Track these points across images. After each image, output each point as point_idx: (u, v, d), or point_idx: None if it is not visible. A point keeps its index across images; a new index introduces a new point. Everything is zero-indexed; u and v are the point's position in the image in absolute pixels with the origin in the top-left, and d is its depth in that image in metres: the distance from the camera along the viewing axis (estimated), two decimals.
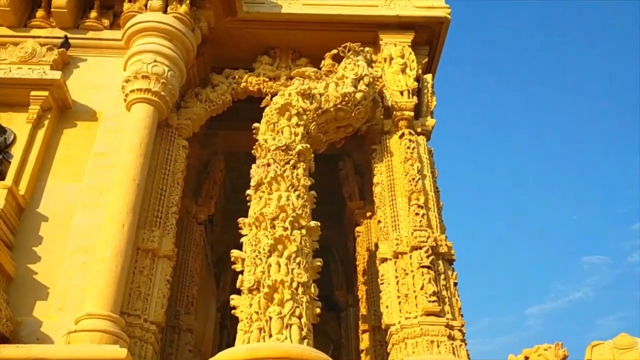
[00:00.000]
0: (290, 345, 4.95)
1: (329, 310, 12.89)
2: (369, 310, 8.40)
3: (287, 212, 5.80)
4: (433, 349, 5.95)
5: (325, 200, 9.92)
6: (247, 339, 5.12)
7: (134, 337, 5.85)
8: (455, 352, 6.00)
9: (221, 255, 11.31)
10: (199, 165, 9.24)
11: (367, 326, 8.39)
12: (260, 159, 6.39)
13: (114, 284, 5.74)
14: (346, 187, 9.64)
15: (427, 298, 6.19)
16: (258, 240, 5.71)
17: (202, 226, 9.22)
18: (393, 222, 6.94)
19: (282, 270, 5.43)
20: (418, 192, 6.93)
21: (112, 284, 5.74)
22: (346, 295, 11.23)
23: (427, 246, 6.51)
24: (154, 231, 6.46)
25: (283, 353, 4.83)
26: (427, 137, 7.71)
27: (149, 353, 5.90)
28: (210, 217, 10.07)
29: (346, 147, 8.99)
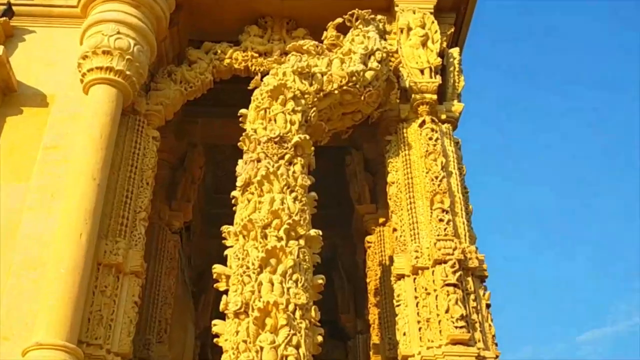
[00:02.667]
0: None
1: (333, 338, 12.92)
2: (382, 339, 8.40)
3: (281, 218, 5.82)
4: None
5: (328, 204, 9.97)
6: None
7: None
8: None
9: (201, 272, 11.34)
10: (173, 160, 9.26)
11: (379, 358, 8.40)
12: (248, 153, 6.40)
13: (70, 306, 5.76)
14: (354, 187, 9.65)
15: (453, 323, 6.18)
16: (246, 252, 5.73)
17: (178, 235, 9.24)
18: (412, 230, 6.95)
19: (276, 289, 5.45)
20: (442, 193, 6.94)
21: (67, 306, 5.75)
22: (354, 320, 11.25)
23: (454, 259, 6.51)
24: (119, 242, 6.48)
25: None
26: (453, 125, 7.71)
27: None
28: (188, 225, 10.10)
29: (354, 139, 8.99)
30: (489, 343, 6.34)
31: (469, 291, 6.50)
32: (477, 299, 6.49)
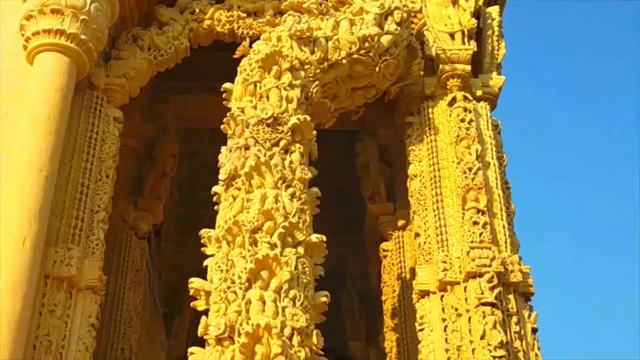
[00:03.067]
0: None
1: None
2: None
3: (275, 220, 5.81)
4: None
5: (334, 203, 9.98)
6: None
7: None
8: None
9: (174, 288, 11.35)
10: (139, 147, 9.26)
11: None
12: (233, 139, 6.39)
13: (10, 330, 5.74)
14: (366, 181, 9.65)
15: (490, 352, 6.17)
16: (231, 263, 5.72)
17: (145, 242, 9.24)
18: (438, 236, 6.94)
19: (269, 309, 5.44)
20: (477, 189, 6.93)
21: (7, 330, 5.73)
22: (366, 349, 11.27)
23: (492, 272, 6.50)
24: (71, 249, 6.47)
25: None
26: (491, 104, 7.70)
27: None
28: (158, 229, 10.10)
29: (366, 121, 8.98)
30: None
31: (510, 312, 6.48)
32: (520, 322, 6.47)
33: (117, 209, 8.28)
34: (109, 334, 8.14)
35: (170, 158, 9.64)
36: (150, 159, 9.46)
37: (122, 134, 7.46)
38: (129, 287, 8.59)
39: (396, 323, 8.69)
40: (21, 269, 5.98)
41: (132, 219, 8.97)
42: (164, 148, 9.56)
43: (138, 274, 8.83)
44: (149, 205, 9.26)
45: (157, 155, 9.49)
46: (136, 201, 9.16)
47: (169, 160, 9.62)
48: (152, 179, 9.37)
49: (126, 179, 8.90)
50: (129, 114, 7.98)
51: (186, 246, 10.89)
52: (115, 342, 8.20)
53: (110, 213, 7.08)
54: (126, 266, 8.63)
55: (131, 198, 9.10)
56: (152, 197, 9.32)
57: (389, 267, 9.01)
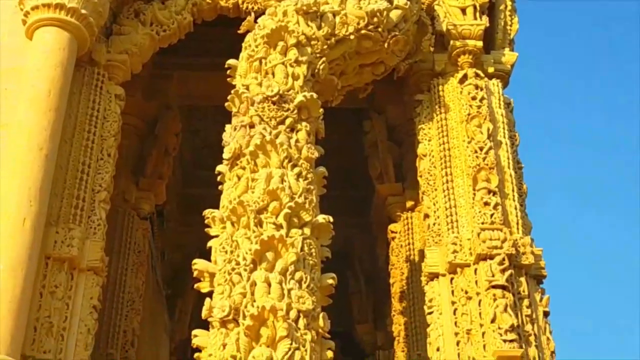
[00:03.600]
0: None
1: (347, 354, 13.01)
2: (409, 356, 8.43)
3: (281, 200, 5.82)
4: None
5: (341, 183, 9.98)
6: None
7: None
8: None
9: (177, 269, 11.38)
10: (141, 126, 9.26)
11: None
12: (238, 117, 6.39)
13: (11, 312, 5.78)
14: (374, 161, 9.64)
15: (501, 336, 6.20)
16: (236, 244, 5.74)
17: (148, 222, 9.26)
18: (448, 217, 6.96)
19: (274, 291, 5.46)
20: (489, 169, 6.93)
21: (7, 312, 5.77)
22: (373, 332, 11.30)
23: (503, 254, 6.52)
24: (73, 230, 6.49)
25: None
26: (503, 81, 7.69)
27: None
28: (160, 209, 10.11)
29: (375, 99, 8.96)
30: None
31: (521, 295, 6.50)
32: (532, 305, 6.50)
33: (118, 189, 8.30)
34: (110, 316, 8.18)
35: (173, 136, 9.63)
36: (153, 138, 9.45)
37: (123, 111, 7.47)
38: (131, 269, 8.62)
39: (404, 306, 8.71)
40: (21, 250, 6.01)
41: (134, 199, 8.99)
42: (167, 126, 9.55)
43: (140, 255, 8.86)
44: (152, 185, 9.26)
45: (159, 134, 9.49)
46: (138, 181, 9.17)
47: (172, 139, 9.62)
48: (154, 158, 9.37)
49: (128, 158, 8.90)
50: (131, 91, 7.97)
51: (189, 227, 10.90)
52: (117, 325, 8.24)
53: (111, 193, 7.10)
54: (128, 247, 8.66)
55: (133, 177, 9.11)
56: (155, 177, 9.33)
57: (397, 249, 9.02)
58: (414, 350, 8.26)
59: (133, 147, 9.10)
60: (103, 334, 7.91)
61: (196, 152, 11.36)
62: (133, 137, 9.03)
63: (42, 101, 6.54)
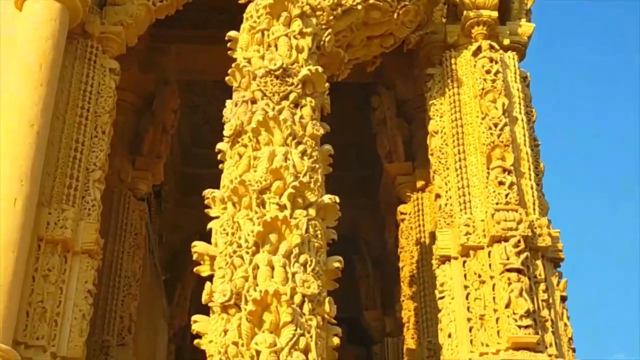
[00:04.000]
0: None
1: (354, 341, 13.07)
2: (419, 342, 8.46)
3: (284, 179, 5.82)
4: None
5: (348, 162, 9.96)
6: None
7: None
8: None
9: (176, 252, 11.42)
10: (137, 102, 9.26)
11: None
12: (239, 92, 6.38)
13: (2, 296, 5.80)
14: (383, 139, 9.63)
15: (516, 321, 6.21)
16: (237, 225, 5.75)
17: (145, 204, 9.27)
18: (461, 197, 6.95)
19: (278, 275, 5.47)
20: (503, 146, 6.92)
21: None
22: (382, 318, 11.33)
23: (518, 236, 6.51)
24: (66, 211, 6.50)
25: None
26: (519, 53, 7.65)
27: None
28: (158, 189, 10.13)
29: (384, 73, 8.94)
30: (564, 348, 6.37)
31: (537, 279, 6.51)
32: (548, 290, 6.51)
33: (114, 168, 8.31)
34: (106, 301, 8.22)
35: (171, 113, 9.63)
36: (150, 114, 9.45)
37: (118, 86, 7.45)
38: (127, 252, 8.64)
39: (414, 291, 8.73)
40: (12, 231, 6.02)
41: (131, 178, 9.00)
42: (164, 102, 9.55)
43: (137, 237, 8.87)
44: (149, 164, 9.27)
45: (156, 110, 9.48)
46: (134, 160, 9.17)
47: (170, 116, 9.61)
48: (151, 135, 9.37)
49: (124, 135, 8.91)
50: (126, 65, 7.96)
51: (188, 208, 10.93)
52: (114, 310, 8.28)
53: (107, 172, 7.11)
54: (124, 229, 8.68)
55: (129, 156, 9.12)
56: (152, 156, 9.33)
57: (406, 231, 9.03)
58: (424, 337, 8.29)
59: (129, 124, 9.10)
60: (98, 319, 7.96)
61: (195, 130, 11.36)
62: (129, 113, 9.03)
63: (33, 75, 6.54)
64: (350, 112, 10.18)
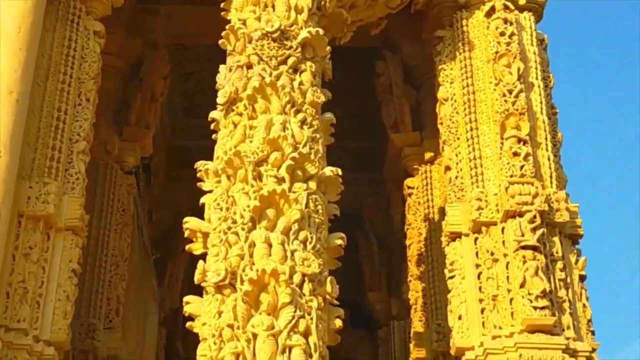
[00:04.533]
0: None
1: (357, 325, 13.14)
2: (427, 325, 8.49)
3: (283, 150, 5.80)
4: None
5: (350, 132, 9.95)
6: None
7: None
8: None
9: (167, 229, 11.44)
10: (124, 68, 9.24)
11: (424, 352, 8.50)
12: (234, 56, 6.35)
13: None
14: (388, 107, 9.61)
15: (531, 302, 6.21)
16: (232, 200, 5.74)
17: (133, 177, 9.28)
18: (472, 169, 6.94)
19: (276, 253, 5.47)
20: (518, 114, 6.90)
21: None
22: (387, 300, 11.39)
23: (534, 211, 6.50)
24: (48, 184, 6.50)
25: None
26: (536, 14, 7.60)
27: None
28: (147, 162, 10.13)
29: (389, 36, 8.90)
30: (582, 331, 6.38)
31: (555, 257, 6.51)
32: (566, 268, 6.51)
33: (99, 139, 8.31)
34: (92, 281, 8.25)
35: (160, 80, 9.61)
36: (137, 81, 9.45)
37: (104, 51, 7.42)
38: (114, 229, 8.66)
39: (422, 271, 8.75)
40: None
41: (118, 150, 9.00)
42: (153, 68, 9.53)
43: (125, 213, 8.89)
44: (137, 135, 9.27)
45: (144, 77, 9.47)
46: (121, 130, 9.18)
47: (159, 83, 9.59)
48: (139, 104, 9.37)
49: (109, 104, 8.90)
50: (112, 28, 7.93)
51: (180, 183, 10.94)
52: (100, 292, 8.31)
53: (91, 143, 7.10)
54: (111, 205, 8.70)
55: (116, 126, 9.12)
56: (140, 126, 9.33)
57: (414, 207, 9.03)
58: (432, 319, 8.32)
59: (115, 91, 9.08)
60: (84, 301, 7.99)
61: (187, 98, 11.34)
62: (115, 80, 9.01)
63: (11, 39, 6.50)
64: (353, 78, 10.16)
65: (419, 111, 9.26)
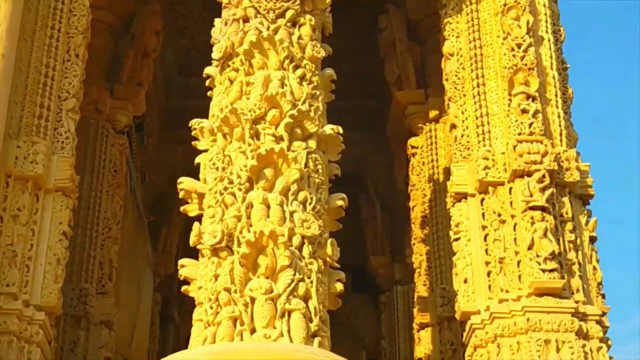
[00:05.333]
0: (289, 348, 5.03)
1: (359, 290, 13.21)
2: (432, 290, 8.53)
3: (281, 107, 5.78)
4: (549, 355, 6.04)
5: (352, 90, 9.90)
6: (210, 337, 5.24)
7: (7, 332, 5.99)
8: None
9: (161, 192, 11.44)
10: (115, 22, 9.19)
11: (428, 317, 8.56)
12: (229, 9, 6.29)
13: None
14: (392, 64, 9.58)
15: (539, 265, 6.23)
16: (229, 160, 5.73)
17: (125, 137, 9.26)
18: (479, 128, 6.93)
19: (274, 214, 5.47)
20: (527, 70, 6.86)
21: None
22: (390, 264, 11.43)
23: (543, 170, 6.50)
24: (37, 144, 6.50)
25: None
26: None
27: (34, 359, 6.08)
28: (140, 122, 10.11)
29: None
30: (592, 294, 6.41)
31: (564, 218, 6.52)
32: (576, 230, 6.52)
33: (90, 97, 8.29)
34: (84, 245, 8.27)
35: (153, 35, 9.56)
36: (129, 37, 9.39)
37: (93, 5, 7.38)
38: (106, 191, 8.66)
39: (426, 233, 8.77)
40: None
41: (109, 109, 8.98)
42: (145, 23, 9.47)
43: (117, 175, 8.89)
44: (129, 93, 9.24)
45: (136, 32, 9.41)
46: (113, 88, 9.15)
47: (152, 39, 9.54)
48: (131, 60, 9.33)
49: (100, 61, 8.87)
50: None
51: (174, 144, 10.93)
52: (92, 255, 8.33)
53: (81, 101, 7.08)
54: (102, 166, 8.69)
55: (107, 84, 9.09)
56: (132, 83, 9.30)
57: (418, 167, 9.04)
58: (437, 283, 8.35)
59: (106, 48, 9.05)
60: (76, 265, 8.02)
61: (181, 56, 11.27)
62: (106, 36, 8.98)
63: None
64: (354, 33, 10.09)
65: (423, 68, 9.24)
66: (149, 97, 9.87)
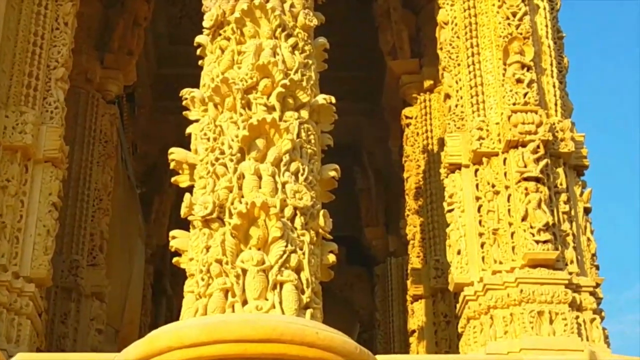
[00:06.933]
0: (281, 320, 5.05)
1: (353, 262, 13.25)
2: (425, 261, 8.56)
3: (273, 77, 5.76)
4: (542, 327, 6.08)
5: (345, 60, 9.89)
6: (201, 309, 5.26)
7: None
8: (582, 332, 6.15)
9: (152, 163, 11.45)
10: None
11: (421, 289, 8.59)
12: None
13: None
14: (386, 33, 9.54)
15: (533, 236, 6.24)
16: (220, 130, 5.72)
17: (116, 107, 9.24)
18: (474, 97, 6.92)
19: (266, 185, 5.47)
20: (522, 38, 6.84)
21: None
22: (384, 236, 11.47)
23: (537, 141, 6.50)
24: (25, 114, 6.50)
25: (267, 333, 4.94)
26: None
27: (24, 332, 6.10)
28: (131, 91, 10.08)
29: None
30: (586, 266, 6.44)
31: (558, 189, 6.54)
32: (570, 201, 6.54)
33: (80, 67, 8.27)
34: (74, 216, 8.28)
35: (144, 3, 9.50)
36: (119, 5, 9.34)
37: None
38: (97, 162, 8.65)
39: (420, 204, 8.79)
40: None
41: (99, 78, 8.95)
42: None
43: (107, 145, 8.87)
44: (119, 62, 9.20)
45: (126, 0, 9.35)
46: (103, 57, 9.11)
47: (142, 6, 9.49)
48: (121, 29, 9.28)
49: (90, 29, 8.83)
50: None
51: (165, 113, 10.92)
52: (83, 227, 8.34)
53: (71, 70, 7.06)
54: (93, 136, 8.68)
55: (97, 53, 9.05)
56: (123, 52, 9.26)
57: (412, 138, 9.04)
58: (431, 255, 8.39)
59: (96, 15, 9.00)
60: (66, 236, 8.03)
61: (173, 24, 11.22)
62: (95, 4, 8.93)
63: None
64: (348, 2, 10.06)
65: (418, 37, 9.22)
66: (140, 66, 9.84)
